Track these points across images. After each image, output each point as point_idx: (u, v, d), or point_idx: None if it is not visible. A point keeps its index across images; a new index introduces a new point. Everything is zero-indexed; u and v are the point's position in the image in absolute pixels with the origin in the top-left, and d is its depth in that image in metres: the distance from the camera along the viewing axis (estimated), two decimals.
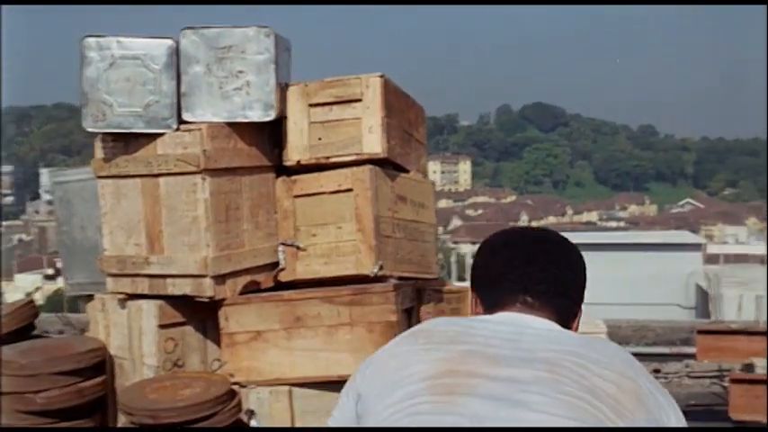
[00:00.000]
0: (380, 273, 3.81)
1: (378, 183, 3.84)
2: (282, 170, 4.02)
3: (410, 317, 3.93)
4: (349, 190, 3.83)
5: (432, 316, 4.01)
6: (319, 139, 3.88)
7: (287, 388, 3.77)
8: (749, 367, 7.34)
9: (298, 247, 3.95)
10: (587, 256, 1.95)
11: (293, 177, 3.98)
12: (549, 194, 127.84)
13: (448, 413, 1.59)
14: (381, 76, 3.84)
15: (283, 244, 3.98)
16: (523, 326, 1.72)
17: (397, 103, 4.01)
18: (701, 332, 7.75)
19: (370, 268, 3.79)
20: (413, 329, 1.80)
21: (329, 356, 3.72)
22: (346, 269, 3.84)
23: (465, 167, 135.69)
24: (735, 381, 6.05)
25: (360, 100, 3.84)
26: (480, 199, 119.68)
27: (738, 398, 5.93)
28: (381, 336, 3.68)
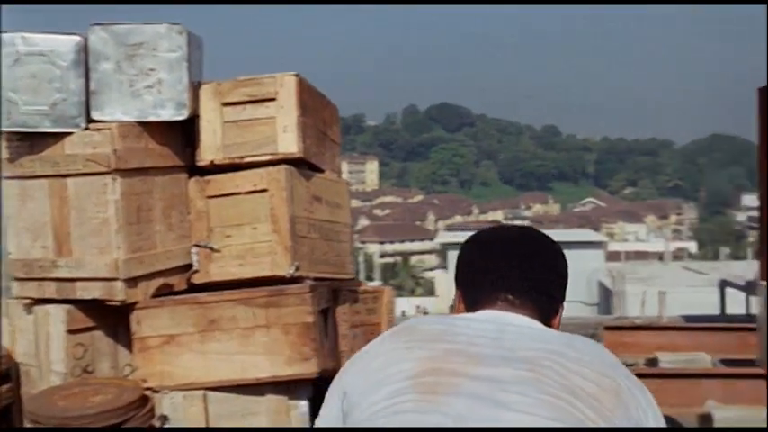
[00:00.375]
0: (297, 274, 3.77)
1: (293, 183, 3.80)
2: (195, 170, 3.95)
3: (326, 318, 3.91)
4: (264, 190, 3.79)
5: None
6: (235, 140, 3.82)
7: (201, 392, 3.70)
8: (653, 361, 7.52)
9: (212, 249, 3.89)
10: None
11: (206, 178, 3.91)
12: (456, 194, 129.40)
13: (432, 412, 1.60)
14: (296, 75, 3.81)
15: (197, 245, 3.91)
16: (505, 323, 1.74)
17: (311, 103, 3.98)
18: (607, 328, 7.92)
19: (286, 269, 3.75)
20: (396, 328, 1.81)
21: (245, 359, 3.66)
22: (262, 270, 3.79)
23: (372, 167, 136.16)
24: (640, 375, 6.17)
25: (274, 99, 3.80)
26: (387, 199, 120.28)
27: None
28: (298, 337, 3.65)
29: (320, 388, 3.97)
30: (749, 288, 9.96)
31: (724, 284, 10.08)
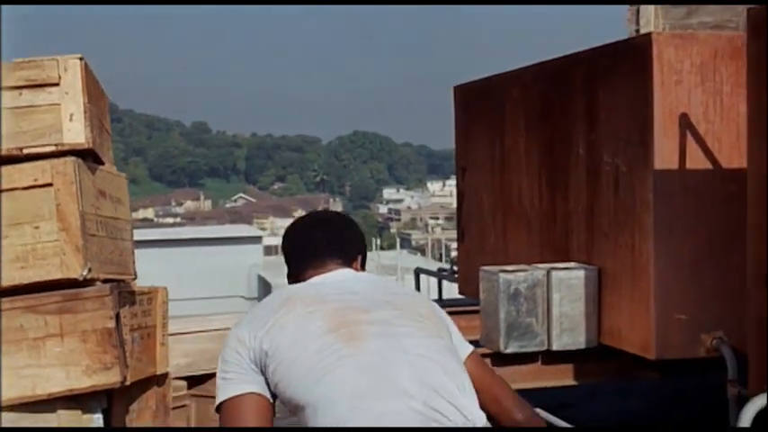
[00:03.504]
0: (90, 276, 3.44)
1: (81, 176, 3.46)
2: None
3: (118, 323, 3.61)
4: (48, 185, 3.41)
5: None
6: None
7: None
8: None
9: None
10: (146, 252, 2.23)
11: None
12: None
13: (361, 352, 2.26)
14: (81, 59, 3.48)
15: None
16: (342, 279, 2.51)
17: (93, 90, 3.65)
18: None
19: (78, 271, 3.40)
20: (280, 303, 2.39)
21: (36, 373, 3.29)
22: (49, 273, 3.40)
23: None
24: None
25: (57, 84, 3.44)
26: None
27: None
28: (98, 345, 3.35)
29: (111, 398, 3.68)
30: (441, 275, 10.62)
31: (419, 272, 10.68)
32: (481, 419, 2.35)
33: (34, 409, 3.34)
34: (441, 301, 10.87)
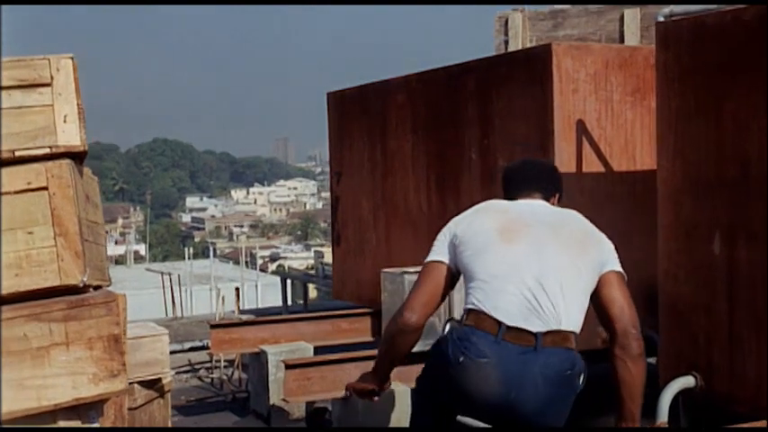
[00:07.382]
0: (88, 282, 3.33)
1: (75, 179, 3.35)
2: None
3: None
4: (43, 188, 3.27)
5: None
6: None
7: None
8: (262, 354, 7.74)
9: None
10: None
11: None
12: None
13: (509, 250, 3.43)
14: (72, 58, 3.37)
15: None
16: (531, 205, 3.64)
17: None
18: (213, 326, 7.95)
19: (78, 278, 3.27)
20: (478, 208, 3.69)
21: (41, 383, 3.15)
22: (46, 281, 3.26)
23: None
24: (289, 366, 6.40)
25: (49, 84, 3.31)
26: None
27: (293, 381, 6.30)
28: (105, 352, 3.25)
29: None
30: (307, 279, 10.70)
31: (285, 277, 10.72)
32: (570, 323, 3.35)
33: (36, 421, 3.20)
34: (306, 306, 10.98)
